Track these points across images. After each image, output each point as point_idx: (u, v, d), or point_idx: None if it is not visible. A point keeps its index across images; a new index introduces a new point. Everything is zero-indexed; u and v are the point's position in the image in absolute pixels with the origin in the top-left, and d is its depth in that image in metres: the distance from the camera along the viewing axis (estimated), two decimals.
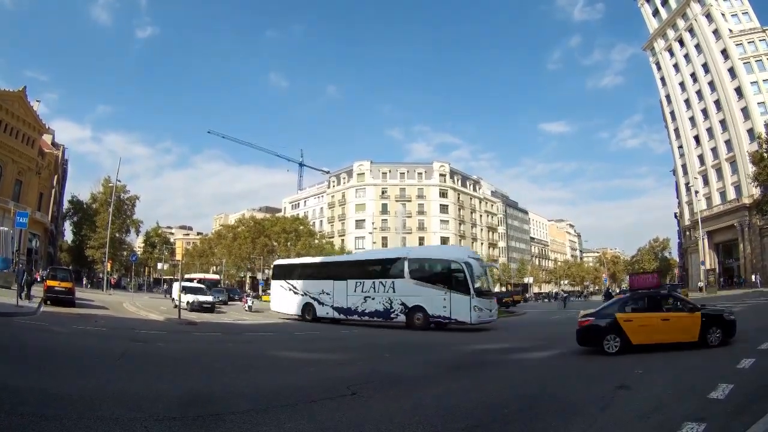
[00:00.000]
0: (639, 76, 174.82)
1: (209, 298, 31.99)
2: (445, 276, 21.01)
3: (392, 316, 22.04)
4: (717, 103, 60.57)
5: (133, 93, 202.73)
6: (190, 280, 45.62)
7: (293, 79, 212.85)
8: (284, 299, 27.54)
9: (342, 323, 24.05)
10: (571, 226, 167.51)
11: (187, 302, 29.98)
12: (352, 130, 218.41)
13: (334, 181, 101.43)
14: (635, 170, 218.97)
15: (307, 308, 25.81)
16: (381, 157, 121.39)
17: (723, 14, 61.60)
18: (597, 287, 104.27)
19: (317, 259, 34.69)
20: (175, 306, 29.90)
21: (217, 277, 58.05)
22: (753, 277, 49.44)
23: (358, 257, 29.55)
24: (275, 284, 29.08)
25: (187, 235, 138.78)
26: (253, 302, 37.16)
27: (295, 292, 26.77)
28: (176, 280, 55.48)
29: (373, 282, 23.11)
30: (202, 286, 36.99)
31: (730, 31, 60.00)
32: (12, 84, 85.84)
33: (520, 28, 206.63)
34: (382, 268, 23.89)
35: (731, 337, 11.21)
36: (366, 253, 38.84)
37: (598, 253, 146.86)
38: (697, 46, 63.38)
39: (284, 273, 28.83)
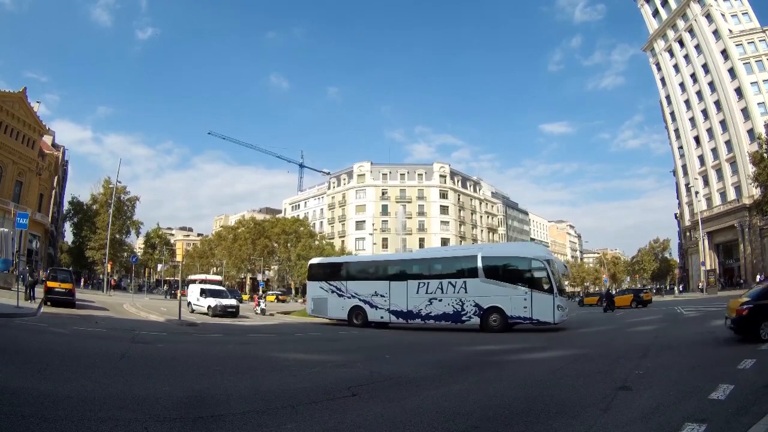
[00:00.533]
0: (640, 77, 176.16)
1: (233, 302, 30.06)
2: (526, 274, 19.96)
3: (464, 318, 20.69)
4: (717, 103, 60.65)
5: (134, 94, 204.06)
6: (192, 281, 45.27)
7: (294, 80, 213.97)
8: (325, 302, 24.92)
9: (389, 327, 22.74)
10: (572, 227, 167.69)
11: (209, 306, 28.67)
12: (352, 131, 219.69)
13: (334, 183, 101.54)
14: (636, 171, 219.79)
15: (355, 312, 23.69)
16: (382, 159, 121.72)
17: (723, 14, 61.72)
18: (597, 288, 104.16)
19: (369, 257, 30.90)
20: (192, 311, 29.25)
21: (219, 278, 56.42)
22: (758, 277, 49.30)
23: (421, 255, 27.38)
24: (312, 286, 26.37)
25: (188, 236, 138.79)
26: (265, 305, 35.16)
27: (340, 294, 24.40)
28: (177, 281, 55.29)
29: (440, 282, 21.41)
30: (223, 288, 36.01)
31: (730, 31, 60.10)
32: (12, 85, 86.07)
33: (521, 30, 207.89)
34: (450, 267, 22.18)
35: None
36: (429, 250, 35.43)
37: (598, 253, 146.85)
38: (697, 47, 63.48)
39: (325, 273, 26.27)
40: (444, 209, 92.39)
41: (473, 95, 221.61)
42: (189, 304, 30.77)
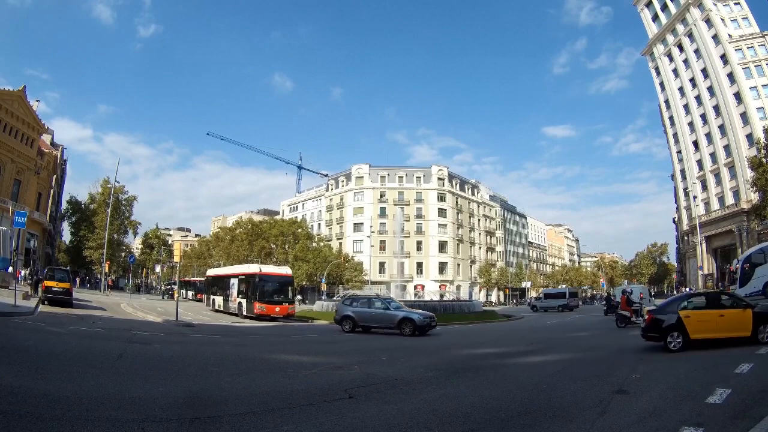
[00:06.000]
0: (644, 81, 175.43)
1: None
2: None
3: None
4: (716, 108, 60.72)
5: (135, 92, 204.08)
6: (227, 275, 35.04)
7: (298, 80, 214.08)
8: None
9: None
10: (569, 230, 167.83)
11: None
12: (354, 133, 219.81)
13: (332, 184, 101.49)
14: (637, 175, 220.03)
15: None
16: (384, 161, 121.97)
17: (722, 19, 61.81)
18: (594, 291, 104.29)
19: None
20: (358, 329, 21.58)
21: (286, 271, 34.36)
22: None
23: None
24: None
25: (185, 237, 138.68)
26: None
27: None
28: (173, 282, 53.32)
29: None
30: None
31: (730, 36, 60.18)
32: (12, 82, 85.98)
33: (527, 32, 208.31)
34: None
35: None
36: None
37: (596, 257, 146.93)
38: (697, 51, 63.56)
39: None
40: (442, 212, 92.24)
41: (477, 98, 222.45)
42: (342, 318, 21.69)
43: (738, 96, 57.65)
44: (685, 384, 7.90)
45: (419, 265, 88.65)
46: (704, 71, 62.53)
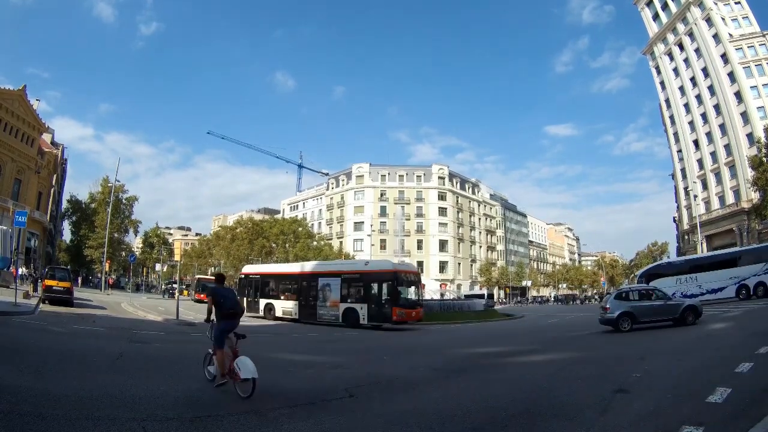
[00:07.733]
0: (647, 80, 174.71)
1: None
2: None
3: None
4: (716, 107, 60.67)
5: (137, 91, 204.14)
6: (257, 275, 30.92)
7: (300, 79, 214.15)
8: None
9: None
10: (570, 229, 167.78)
11: None
12: (356, 131, 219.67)
13: (333, 183, 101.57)
14: (638, 174, 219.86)
15: None
16: (386, 160, 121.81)
17: (723, 18, 61.77)
18: (595, 290, 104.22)
19: None
20: None
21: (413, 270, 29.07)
22: None
23: None
24: None
25: (186, 236, 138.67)
26: None
27: None
28: (174, 281, 52.82)
29: None
30: None
31: (730, 35, 60.14)
32: (13, 81, 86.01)
33: (530, 32, 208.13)
34: None
35: None
36: None
37: (596, 256, 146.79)
38: (697, 51, 63.51)
39: None
40: (442, 211, 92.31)
41: (480, 97, 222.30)
42: None
43: (738, 95, 57.61)
44: (686, 383, 7.89)
45: (419, 264, 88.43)
46: (705, 70, 62.50)
